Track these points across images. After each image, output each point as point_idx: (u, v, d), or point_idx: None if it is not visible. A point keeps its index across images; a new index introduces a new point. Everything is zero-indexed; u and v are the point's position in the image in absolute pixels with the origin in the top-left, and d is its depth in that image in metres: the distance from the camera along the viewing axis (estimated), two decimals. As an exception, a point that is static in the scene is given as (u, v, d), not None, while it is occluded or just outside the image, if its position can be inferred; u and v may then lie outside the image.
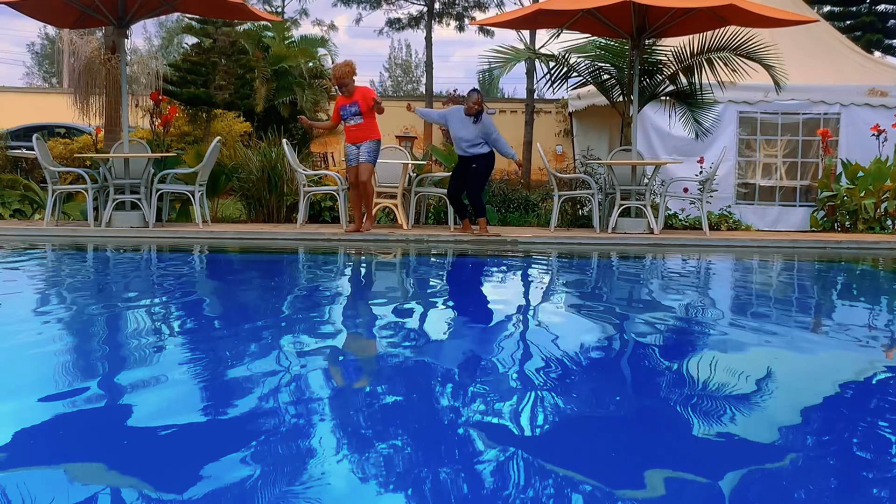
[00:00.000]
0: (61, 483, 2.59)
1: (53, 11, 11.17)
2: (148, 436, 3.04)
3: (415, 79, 65.96)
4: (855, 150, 12.50)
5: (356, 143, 10.22)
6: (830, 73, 13.30)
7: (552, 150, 23.82)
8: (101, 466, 2.72)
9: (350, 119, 10.22)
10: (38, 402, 3.40)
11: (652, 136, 13.04)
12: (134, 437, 3.04)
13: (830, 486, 2.74)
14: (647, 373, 4.28)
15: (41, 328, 5.01)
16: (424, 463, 2.83)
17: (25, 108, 25.28)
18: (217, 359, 4.28)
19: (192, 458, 2.79)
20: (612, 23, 10.92)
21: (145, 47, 43.94)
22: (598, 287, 7.87)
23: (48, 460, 2.76)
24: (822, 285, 8.37)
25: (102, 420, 3.23)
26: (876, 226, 11.46)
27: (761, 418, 3.40)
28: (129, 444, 2.95)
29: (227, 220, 12.04)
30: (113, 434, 3.05)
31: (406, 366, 4.26)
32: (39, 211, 11.77)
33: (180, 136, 17.90)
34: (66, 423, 3.17)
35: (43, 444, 2.93)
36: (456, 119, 10.42)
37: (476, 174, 10.41)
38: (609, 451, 2.98)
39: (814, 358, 4.71)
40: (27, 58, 66.60)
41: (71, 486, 2.56)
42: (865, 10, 26.02)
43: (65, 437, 3.03)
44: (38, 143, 10.62)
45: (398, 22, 28.72)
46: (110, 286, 7.12)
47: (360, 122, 10.20)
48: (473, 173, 10.39)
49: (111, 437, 3.02)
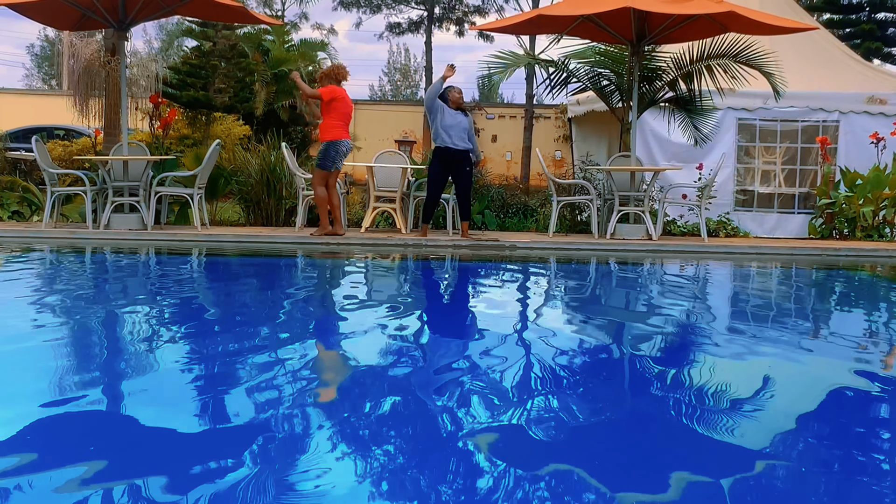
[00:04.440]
0: (55, 485, 2.58)
1: (54, 13, 11.17)
2: (141, 439, 3.04)
3: (414, 83, 66.03)
4: (853, 157, 12.51)
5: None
6: (829, 81, 13.31)
7: (551, 155, 23.85)
8: (94, 469, 2.72)
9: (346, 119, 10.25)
10: (33, 405, 3.40)
11: (651, 143, 13.05)
12: (125, 440, 3.03)
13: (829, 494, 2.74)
14: (644, 380, 4.28)
15: (36, 330, 5.01)
16: (419, 467, 2.83)
17: (25, 109, 25.29)
18: (213, 362, 4.28)
19: (187, 462, 2.79)
20: (612, 29, 10.93)
21: (145, 50, 43.93)
22: (596, 293, 7.87)
23: (44, 463, 2.76)
24: (820, 293, 8.36)
25: (95, 423, 3.22)
26: (874, 233, 11.47)
27: (755, 426, 3.40)
28: (121, 447, 2.95)
29: (225, 223, 12.03)
30: (103, 437, 3.05)
31: (402, 371, 4.25)
32: (38, 213, 11.77)
33: (179, 138, 17.90)
34: (57, 426, 3.16)
35: (36, 447, 2.92)
36: (446, 109, 10.25)
37: (468, 176, 10.36)
38: (607, 457, 2.98)
39: (810, 367, 4.71)
40: (27, 60, 66.66)
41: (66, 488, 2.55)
42: (865, 18, 26.04)
43: (57, 439, 3.02)
44: (37, 144, 10.62)
45: (398, 26, 28.80)
46: (107, 289, 7.11)
47: None
48: (466, 176, 10.33)
49: (102, 439, 3.02)
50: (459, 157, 10.23)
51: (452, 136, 10.14)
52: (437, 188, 10.39)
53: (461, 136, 10.17)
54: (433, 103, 10.26)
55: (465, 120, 10.25)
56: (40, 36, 62.01)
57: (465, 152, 10.25)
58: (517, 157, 24.65)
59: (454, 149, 10.17)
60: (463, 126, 10.20)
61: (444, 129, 10.17)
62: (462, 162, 10.25)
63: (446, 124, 10.15)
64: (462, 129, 10.19)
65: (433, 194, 10.41)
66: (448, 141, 10.16)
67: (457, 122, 10.16)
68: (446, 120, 10.16)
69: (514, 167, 24.64)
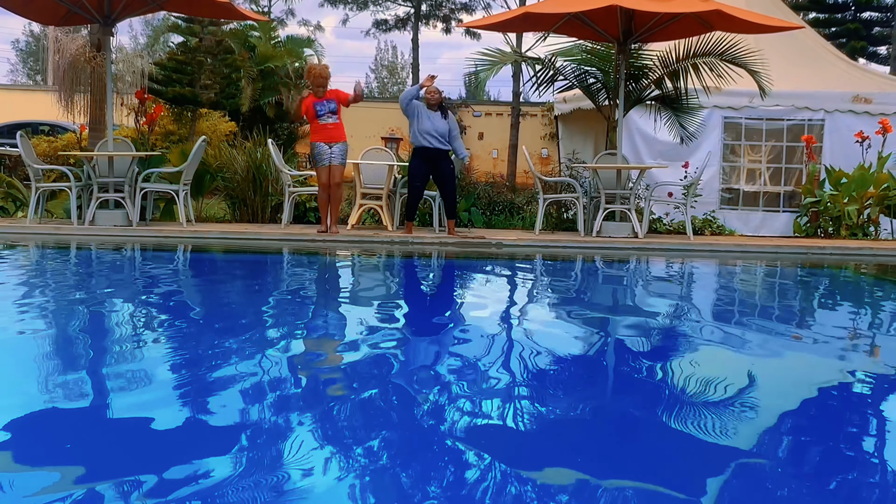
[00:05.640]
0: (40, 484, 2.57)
1: (39, 8, 11.12)
2: (126, 435, 3.03)
3: (401, 80, 65.95)
4: (839, 156, 12.57)
5: (330, 142, 10.16)
6: (815, 80, 13.37)
7: (538, 153, 23.86)
8: (82, 466, 2.71)
9: (326, 117, 10.16)
10: (14, 401, 3.39)
11: (637, 141, 13.08)
12: (106, 437, 3.02)
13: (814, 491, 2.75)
14: (628, 376, 4.29)
15: (19, 326, 4.98)
16: (412, 465, 2.83)
17: (10, 105, 25.13)
18: (197, 359, 4.27)
19: (173, 458, 2.78)
20: (599, 27, 10.95)
21: (131, 46, 43.80)
22: (582, 290, 7.89)
23: (31, 460, 2.75)
24: (804, 291, 8.40)
25: (79, 420, 3.21)
26: (859, 232, 11.53)
27: (737, 423, 3.41)
28: (102, 445, 2.94)
29: (211, 219, 12.00)
30: (84, 435, 3.04)
31: (389, 368, 4.24)
32: (23, 209, 11.71)
33: (165, 135, 17.84)
34: (38, 424, 3.15)
35: (23, 444, 2.91)
36: (423, 112, 10.25)
37: (451, 173, 10.38)
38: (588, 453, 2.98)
39: (794, 363, 4.73)
40: (12, 55, 66.22)
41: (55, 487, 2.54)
42: (850, 18, 26.19)
43: (39, 436, 3.01)
44: (21, 140, 10.56)
45: (385, 23, 28.77)
46: (91, 285, 7.08)
47: (337, 122, 10.23)
48: (450, 173, 10.35)
49: (84, 437, 3.01)
50: (439, 155, 10.26)
51: (429, 139, 10.18)
52: (418, 184, 10.37)
53: (440, 140, 10.20)
54: (408, 106, 10.29)
55: (444, 123, 10.23)
56: (25, 31, 61.82)
57: (445, 150, 10.28)
58: (503, 155, 24.65)
59: (433, 147, 10.21)
60: (440, 130, 10.19)
61: (420, 133, 10.22)
62: (442, 159, 10.28)
63: (423, 129, 10.19)
64: (439, 133, 10.19)
65: (415, 190, 10.41)
66: (425, 142, 10.22)
67: (434, 127, 10.17)
68: (423, 124, 10.18)
69: (500, 165, 24.62)
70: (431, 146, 10.19)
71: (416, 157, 10.30)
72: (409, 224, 10.52)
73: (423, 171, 10.32)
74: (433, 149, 10.21)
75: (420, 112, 10.22)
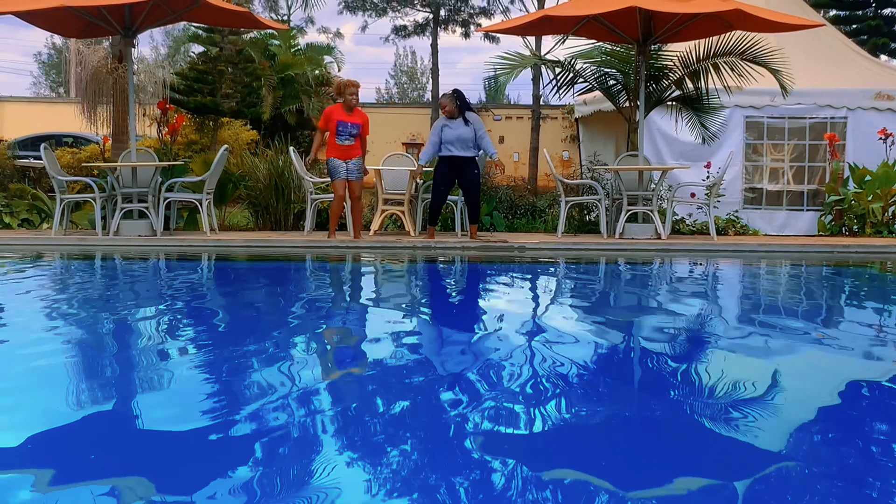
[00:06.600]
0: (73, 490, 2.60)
1: (60, 21, 11.22)
2: (157, 444, 3.05)
3: (420, 86, 66.00)
4: (862, 153, 12.47)
5: (346, 159, 10.18)
6: (837, 77, 13.27)
7: (559, 155, 23.81)
8: (109, 474, 2.73)
9: (346, 138, 10.12)
10: (45, 412, 3.41)
11: (658, 142, 13.03)
12: (140, 445, 3.05)
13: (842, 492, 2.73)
14: (658, 378, 4.28)
15: (47, 337, 5.02)
16: (433, 469, 2.83)
17: (33, 117, 25.34)
18: (227, 367, 4.29)
19: (204, 464, 2.80)
20: (618, 28, 10.93)
21: (152, 56, 44.15)
22: (607, 293, 7.86)
23: (57, 468, 2.77)
24: (832, 290, 8.34)
25: (108, 429, 3.24)
26: (884, 230, 11.44)
27: (770, 424, 3.39)
28: (136, 452, 2.96)
29: (234, 228, 12.06)
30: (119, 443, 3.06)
31: (417, 372, 4.25)
32: (47, 220, 11.81)
33: (187, 144, 17.91)
34: (71, 433, 3.17)
35: (50, 453, 2.93)
36: (446, 125, 10.28)
37: (476, 179, 10.40)
38: (618, 456, 2.97)
39: (826, 363, 4.70)
40: (34, 67, 66.87)
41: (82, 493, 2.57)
42: (871, 14, 25.94)
43: (71, 446, 3.03)
44: (45, 152, 10.66)
45: (404, 29, 28.73)
46: (118, 295, 7.13)
47: (353, 143, 10.20)
48: (474, 178, 10.36)
49: (118, 445, 3.03)
50: (464, 161, 10.27)
51: (455, 149, 10.21)
52: (443, 188, 10.40)
53: (465, 147, 10.21)
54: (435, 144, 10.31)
55: (467, 130, 10.22)
56: (47, 44, 62.29)
57: (469, 157, 10.28)
58: (524, 158, 24.58)
59: (456, 155, 10.23)
60: (464, 137, 10.20)
61: (445, 144, 10.26)
62: (466, 164, 10.28)
63: (445, 139, 10.24)
64: (464, 140, 10.20)
65: (439, 195, 10.43)
66: (446, 152, 10.26)
67: (455, 135, 10.20)
68: (447, 135, 10.23)
69: (521, 168, 24.55)
70: (453, 154, 10.21)
71: (442, 162, 10.34)
72: (432, 229, 10.54)
73: (449, 176, 10.35)
74: (457, 157, 10.23)
75: (441, 126, 10.30)
